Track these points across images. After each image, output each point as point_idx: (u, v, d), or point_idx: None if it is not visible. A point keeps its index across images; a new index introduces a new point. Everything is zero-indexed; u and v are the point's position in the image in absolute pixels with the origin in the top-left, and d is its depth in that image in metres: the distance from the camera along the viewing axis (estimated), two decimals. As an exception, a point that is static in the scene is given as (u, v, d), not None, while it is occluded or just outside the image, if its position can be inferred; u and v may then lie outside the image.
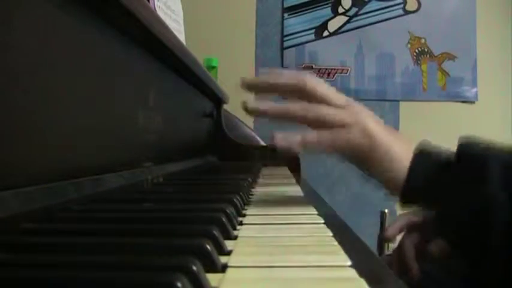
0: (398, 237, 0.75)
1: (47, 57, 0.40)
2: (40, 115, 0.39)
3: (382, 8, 2.42)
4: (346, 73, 2.41)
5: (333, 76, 2.40)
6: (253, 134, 1.57)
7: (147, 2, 0.64)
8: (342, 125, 0.53)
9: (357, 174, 0.58)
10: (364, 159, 0.54)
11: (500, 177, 0.45)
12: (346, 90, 2.74)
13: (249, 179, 0.71)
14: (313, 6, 2.42)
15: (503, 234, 0.44)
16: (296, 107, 0.55)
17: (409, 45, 2.43)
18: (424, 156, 0.53)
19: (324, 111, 0.54)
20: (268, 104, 0.56)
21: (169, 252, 0.27)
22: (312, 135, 0.54)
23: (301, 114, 0.54)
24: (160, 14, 0.96)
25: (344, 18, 2.42)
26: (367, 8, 2.42)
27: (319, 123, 0.54)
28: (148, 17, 0.58)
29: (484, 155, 0.48)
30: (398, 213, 0.76)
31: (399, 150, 0.53)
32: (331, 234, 0.37)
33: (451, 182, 0.49)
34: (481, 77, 2.42)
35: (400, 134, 0.56)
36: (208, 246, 0.28)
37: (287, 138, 0.53)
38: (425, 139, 0.55)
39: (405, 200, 0.53)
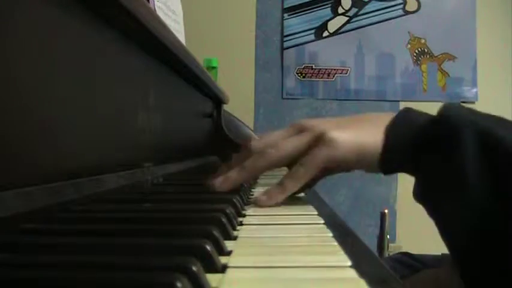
0: None
1: (47, 57, 0.40)
2: (40, 115, 0.39)
3: (382, 9, 2.42)
4: (346, 73, 2.41)
5: (333, 76, 2.40)
6: (253, 134, 1.57)
7: (146, 2, 0.64)
8: (308, 148, 0.52)
9: (357, 174, 0.58)
10: (341, 166, 0.53)
11: (474, 144, 0.44)
12: (346, 91, 2.75)
13: (249, 179, 0.71)
14: (313, 6, 2.42)
15: (479, 198, 0.43)
16: (258, 158, 0.54)
17: (409, 46, 2.43)
18: (403, 121, 0.51)
19: (288, 144, 0.54)
20: (233, 175, 0.55)
21: (169, 253, 0.27)
22: (291, 181, 0.53)
23: (270, 159, 0.54)
24: (160, 14, 0.96)
25: (344, 19, 2.42)
26: (367, 9, 2.42)
27: (291, 157, 0.54)
28: (148, 17, 0.58)
29: (461, 120, 0.46)
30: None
31: (367, 133, 0.52)
32: (331, 234, 0.37)
33: (428, 147, 0.48)
34: (481, 77, 2.42)
35: (366, 115, 0.56)
36: (208, 247, 0.28)
37: (271, 198, 0.53)
38: (409, 107, 0.54)
39: (386, 168, 0.52)
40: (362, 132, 0.52)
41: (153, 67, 0.74)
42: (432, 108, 0.70)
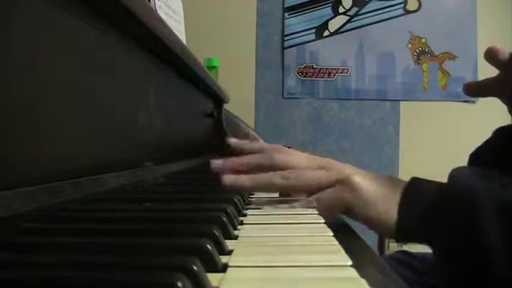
0: None
1: (47, 57, 0.40)
2: (40, 115, 0.39)
3: (383, 8, 2.42)
4: (347, 73, 2.40)
5: (334, 76, 2.40)
6: (254, 133, 1.57)
7: (147, 1, 0.64)
8: (332, 185, 0.54)
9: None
10: (351, 212, 0.54)
11: (492, 212, 0.44)
12: (346, 90, 2.74)
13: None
14: (313, 6, 2.42)
15: (503, 270, 0.43)
16: (278, 177, 0.54)
17: (409, 45, 2.43)
18: (414, 194, 0.52)
19: (310, 176, 0.54)
20: (248, 178, 0.55)
21: (170, 252, 0.27)
22: (305, 201, 0.54)
23: (288, 184, 0.54)
24: (161, 13, 0.96)
25: (345, 18, 2.42)
26: (367, 8, 2.42)
27: (308, 189, 0.55)
28: (149, 16, 0.58)
29: (474, 188, 0.47)
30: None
31: (386, 201, 0.52)
32: (331, 233, 0.37)
33: (443, 219, 0.48)
34: (481, 77, 2.38)
35: (388, 179, 0.55)
36: (208, 246, 0.28)
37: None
38: (416, 177, 0.54)
39: (399, 239, 0.53)
40: (381, 196, 0.53)
41: (154, 66, 0.74)
42: (433, 107, 0.70)
